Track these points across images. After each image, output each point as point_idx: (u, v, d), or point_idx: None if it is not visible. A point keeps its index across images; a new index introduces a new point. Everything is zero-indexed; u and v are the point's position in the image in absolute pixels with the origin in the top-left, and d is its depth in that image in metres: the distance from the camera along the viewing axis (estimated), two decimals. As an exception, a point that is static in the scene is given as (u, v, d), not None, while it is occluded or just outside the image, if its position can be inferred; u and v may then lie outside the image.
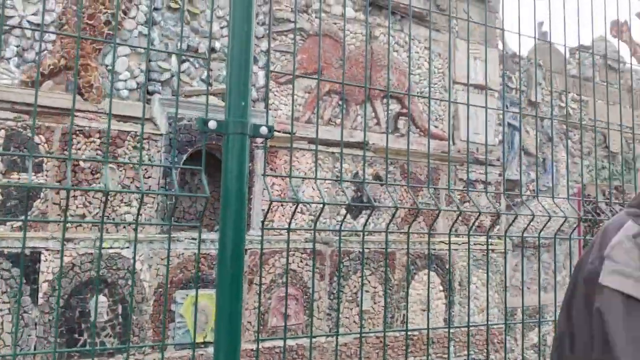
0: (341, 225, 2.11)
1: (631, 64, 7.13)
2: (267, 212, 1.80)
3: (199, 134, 3.67)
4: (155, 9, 3.72)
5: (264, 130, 1.61)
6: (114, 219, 3.44)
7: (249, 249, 3.80)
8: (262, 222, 1.99)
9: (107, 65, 3.51)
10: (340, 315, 4.18)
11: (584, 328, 0.86)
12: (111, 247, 3.38)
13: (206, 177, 1.66)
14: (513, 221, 2.39)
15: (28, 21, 3.31)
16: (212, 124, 1.53)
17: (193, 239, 3.62)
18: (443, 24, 5.05)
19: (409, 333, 4.38)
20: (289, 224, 1.79)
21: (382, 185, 4.44)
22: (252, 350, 3.76)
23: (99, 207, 3.37)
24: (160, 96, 3.61)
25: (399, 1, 4.74)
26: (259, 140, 3.96)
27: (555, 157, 6.08)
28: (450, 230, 2.25)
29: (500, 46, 5.43)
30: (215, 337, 1.47)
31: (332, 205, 4.20)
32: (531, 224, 2.78)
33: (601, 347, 0.80)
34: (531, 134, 5.84)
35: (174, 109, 3.43)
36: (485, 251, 4.01)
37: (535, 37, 2.60)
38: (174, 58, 3.74)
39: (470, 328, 4.38)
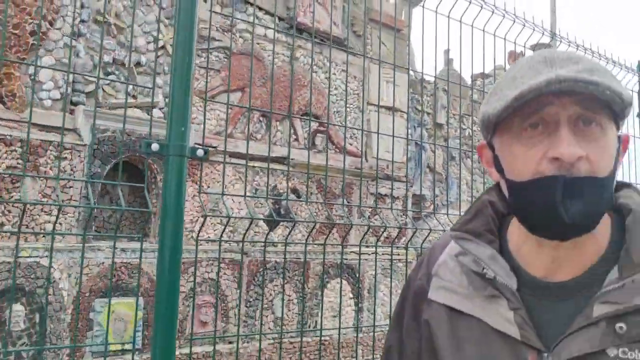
0: (266, 237, 2.33)
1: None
2: (202, 225, 1.99)
3: (122, 145, 3.76)
4: (82, 21, 3.78)
5: (200, 152, 1.80)
6: (33, 228, 3.46)
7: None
8: (197, 234, 2.16)
9: (30, 75, 3.53)
10: (255, 322, 4.38)
11: (414, 340, 0.92)
12: (30, 256, 3.40)
13: (147, 193, 1.83)
14: (413, 234, 2.71)
15: (-51, 27, 3.29)
16: (154, 147, 1.71)
17: (115, 248, 3.69)
18: (360, 48, 5.40)
19: (322, 338, 4.66)
20: (221, 236, 1.99)
21: (300, 201, 4.70)
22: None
23: (18, 216, 3.39)
24: (84, 107, 3.67)
25: (318, 26, 5.04)
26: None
27: (457, 175, 6.61)
28: (361, 241, 2.53)
29: (412, 72, 5.88)
30: (152, 340, 1.64)
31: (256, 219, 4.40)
32: (435, 235, 3.13)
33: (429, 356, 0.88)
34: (437, 153, 6.32)
35: (99, 121, 3.52)
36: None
37: (434, 63, 2.95)
38: (99, 70, 3.81)
39: (377, 332, 4.72)
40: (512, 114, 0.76)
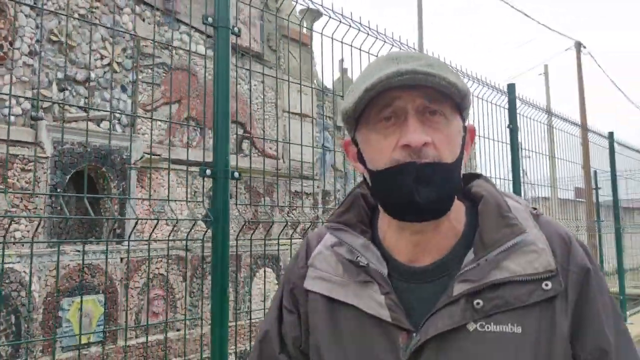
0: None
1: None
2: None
3: (80, 156, 4.09)
4: (37, 41, 4.03)
5: (235, 174, 2.38)
6: (4, 236, 3.71)
7: (124, 257, 4.33)
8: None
9: (-6, 93, 3.75)
10: (198, 310, 4.90)
11: (294, 327, 0.95)
12: (5, 263, 3.66)
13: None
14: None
15: None
16: (208, 172, 2.28)
17: (78, 251, 4.03)
18: (275, 61, 6.04)
19: (252, 320, 5.29)
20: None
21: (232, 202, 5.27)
22: (130, 346, 4.30)
23: (-10, 226, 3.63)
24: (46, 122, 3.96)
25: (240, 42, 5.60)
26: (132, 161, 4.49)
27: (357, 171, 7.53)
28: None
29: (316, 82, 6.63)
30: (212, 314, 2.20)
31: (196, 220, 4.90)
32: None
33: (308, 342, 0.93)
34: (340, 153, 7.16)
35: (57, 134, 3.85)
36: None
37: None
38: (54, 86, 4.09)
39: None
40: (369, 109, 0.83)
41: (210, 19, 2.34)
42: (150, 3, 4.77)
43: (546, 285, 0.79)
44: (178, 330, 4.73)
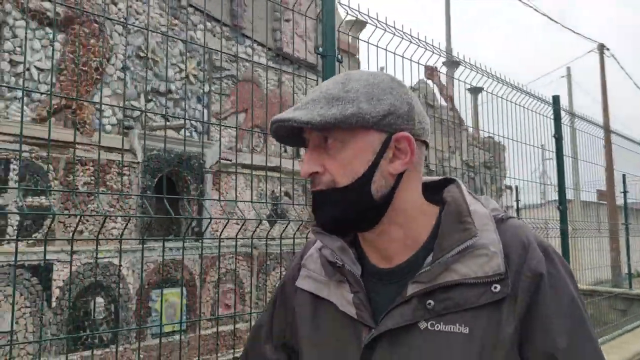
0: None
1: (440, 101, 9.33)
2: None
3: (165, 161, 4.50)
4: (128, 57, 4.45)
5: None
6: (104, 234, 4.14)
7: (202, 254, 4.74)
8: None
9: (95, 104, 4.17)
10: (263, 303, 5.30)
11: (281, 322, 1.05)
12: (105, 257, 4.08)
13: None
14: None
15: (35, 66, 3.86)
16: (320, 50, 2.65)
17: (169, 248, 4.45)
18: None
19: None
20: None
21: (290, 203, 5.66)
22: (206, 335, 4.70)
23: (93, 224, 4.05)
24: (137, 131, 4.38)
25: (297, 54, 6.00)
26: (207, 166, 4.90)
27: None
28: None
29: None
30: None
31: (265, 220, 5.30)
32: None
33: (292, 337, 1.01)
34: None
35: (147, 142, 4.27)
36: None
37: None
38: (142, 98, 4.51)
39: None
40: None
41: (320, 49, 2.72)
42: (219, 19, 5.18)
43: (495, 288, 0.81)
44: (246, 321, 5.13)
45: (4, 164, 3.68)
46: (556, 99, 5.26)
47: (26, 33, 1.80)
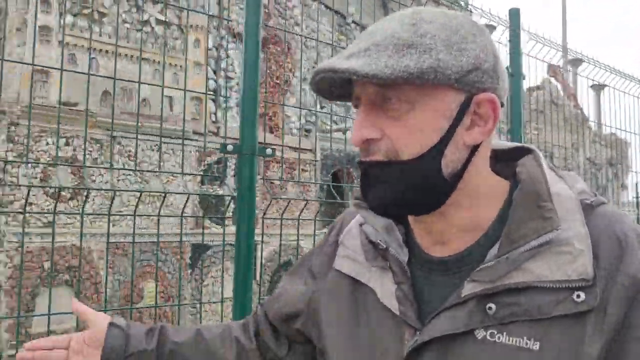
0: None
1: (564, 99, 9.49)
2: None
3: (337, 160, 5.21)
4: (307, 70, 5.20)
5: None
6: (281, 214, 4.90)
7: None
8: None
9: (285, 112, 4.95)
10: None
11: (297, 297, 0.91)
12: (295, 240, 4.84)
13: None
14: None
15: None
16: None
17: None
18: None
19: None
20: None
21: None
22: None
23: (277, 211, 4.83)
24: (318, 134, 5.12)
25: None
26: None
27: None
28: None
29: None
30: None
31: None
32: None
33: (317, 333, 0.86)
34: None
35: (322, 142, 4.97)
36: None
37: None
38: (317, 104, 5.24)
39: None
40: None
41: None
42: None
43: (578, 296, 0.63)
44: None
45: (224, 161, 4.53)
46: None
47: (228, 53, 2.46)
